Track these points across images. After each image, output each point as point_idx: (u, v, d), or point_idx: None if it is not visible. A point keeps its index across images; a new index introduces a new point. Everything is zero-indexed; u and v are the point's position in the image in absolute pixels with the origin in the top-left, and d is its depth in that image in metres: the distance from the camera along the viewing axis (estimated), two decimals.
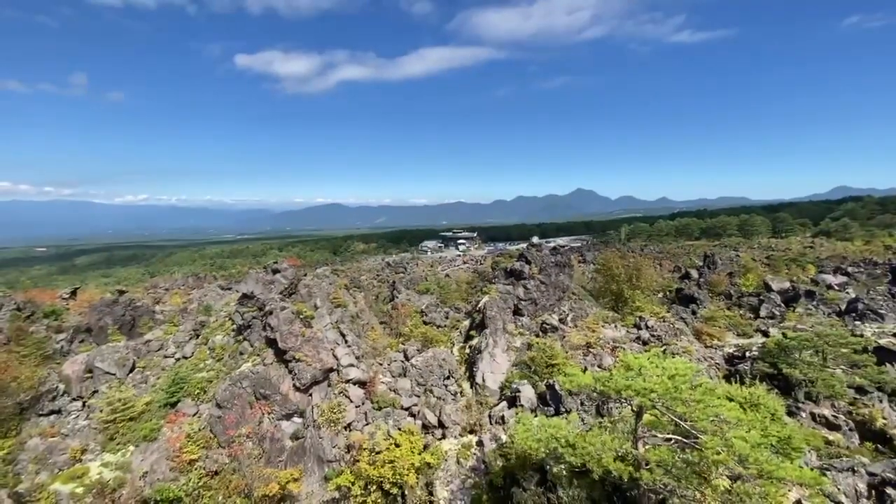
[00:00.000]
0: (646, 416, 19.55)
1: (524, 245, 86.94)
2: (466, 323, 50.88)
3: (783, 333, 40.19)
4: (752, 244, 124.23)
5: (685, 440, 17.84)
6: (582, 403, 31.38)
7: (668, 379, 17.51)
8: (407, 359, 41.72)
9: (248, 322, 41.16)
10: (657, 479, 17.32)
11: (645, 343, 42.95)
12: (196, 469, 29.02)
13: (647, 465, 18.04)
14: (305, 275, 52.74)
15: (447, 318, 57.98)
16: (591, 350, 40.67)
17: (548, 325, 45.89)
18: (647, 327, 45.76)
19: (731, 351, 42.13)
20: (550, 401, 32.47)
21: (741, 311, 54.64)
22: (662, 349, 37.72)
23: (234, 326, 43.72)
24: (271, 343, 36.33)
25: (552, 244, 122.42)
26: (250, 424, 31.27)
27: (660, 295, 65.61)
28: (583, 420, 29.41)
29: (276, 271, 51.82)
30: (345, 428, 31.89)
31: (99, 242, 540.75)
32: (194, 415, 33.89)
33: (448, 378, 39.05)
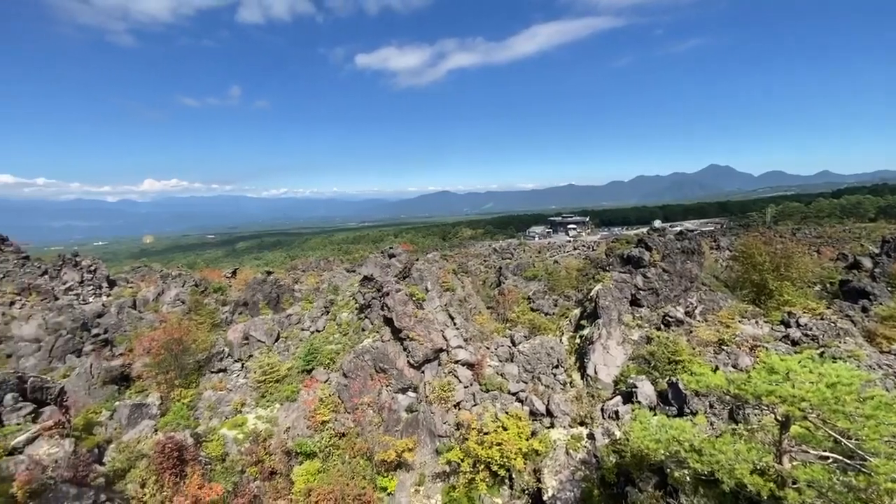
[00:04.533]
0: (794, 428, 16.78)
1: (644, 229, 79.73)
2: (577, 312, 48.87)
3: None
4: None
5: (847, 461, 14.93)
6: (711, 406, 28.17)
7: (827, 387, 14.71)
8: (514, 344, 41.71)
9: (369, 302, 44.92)
10: (807, 501, 14.83)
11: (795, 343, 36.62)
12: (327, 429, 32.95)
13: (794, 483, 15.54)
14: (417, 259, 55.58)
15: (556, 305, 56.40)
16: (724, 348, 36.03)
17: (671, 317, 41.82)
18: (798, 325, 38.91)
19: None
20: (672, 400, 29.75)
21: None
22: (819, 351, 31.74)
23: (357, 305, 48.06)
24: (388, 322, 39.21)
25: (678, 228, 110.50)
26: (371, 394, 34.36)
27: (817, 287, 55.16)
28: (712, 424, 26.42)
29: (391, 256, 55.63)
30: (454, 406, 33.26)
31: (252, 230, 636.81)
32: (325, 381, 38.34)
33: (557, 367, 38.18)
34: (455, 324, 40.65)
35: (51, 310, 52.24)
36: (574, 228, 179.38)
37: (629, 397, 31.92)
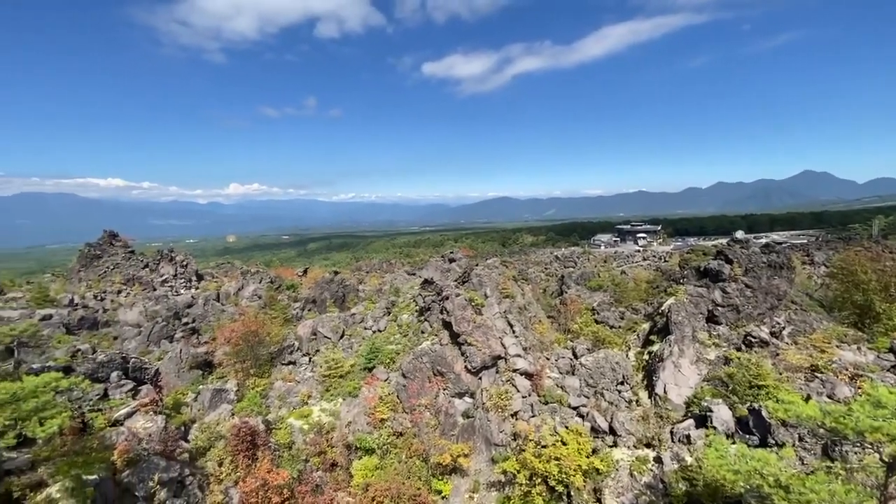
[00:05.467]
0: None
1: (724, 240, 73.58)
2: (646, 326, 46.15)
3: None
4: None
5: None
6: (801, 439, 25.26)
7: None
8: (576, 357, 40.28)
9: (428, 305, 45.62)
10: None
11: None
12: (385, 427, 33.83)
13: None
14: (477, 265, 55.58)
15: (622, 318, 53.68)
16: (818, 375, 32.18)
17: (754, 337, 38.15)
18: None
19: None
20: (754, 428, 27.09)
21: None
22: None
23: (417, 307, 48.98)
24: (447, 325, 39.53)
25: (763, 240, 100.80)
26: (428, 396, 34.78)
27: None
28: (802, 460, 23.70)
29: (451, 260, 56.16)
30: (511, 415, 32.71)
31: (322, 232, 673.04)
32: (385, 380, 39.42)
33: (622, 383, 36.27)
34: (514, 331, 40.05)
35: (150, 299, 58.70)
36: (644, 237, 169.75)
37: (703, 421, 29.54)
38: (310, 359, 47.25)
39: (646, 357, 40.08)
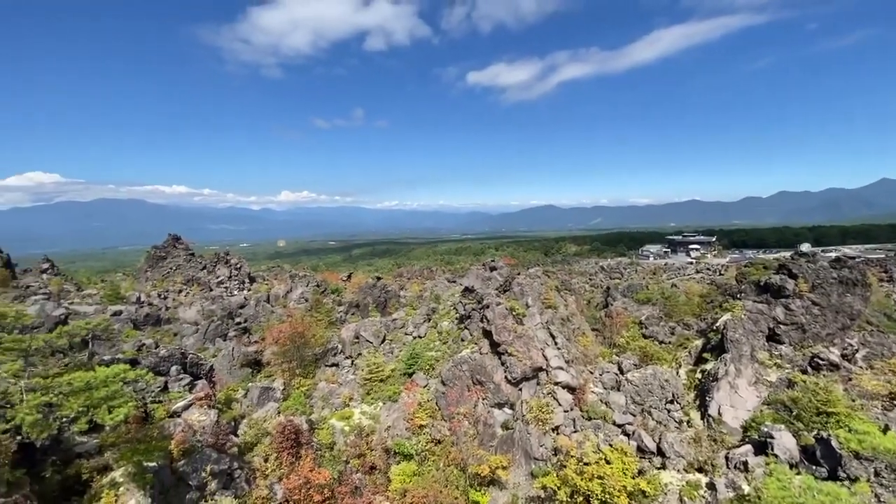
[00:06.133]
0: None
1: (787, 254, 68.36)
2: (698, 343, 43.68)
3: None
4: None
5: None
6: (877, 473, 22.84)
7: None
8: (622, 372, 38.74)
9: (469, 313, 45.50)
10: None
11: None
12: (424, 433, 33.87)
13: None
14: (518, 273, 54.89)
15: (673, 333, 51.20)
16: None
17: (822, 359, 35.15)
18: None
19: None
20: (822, 459, 24.81)
21: None
22: None
23: (457, 315, 48.99)
24: (487, 334, 39.23)
25: (833, 254, 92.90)
26: (467, 405, 34.54)
27: None
28: (878, 497, 21.43)
29: (492, 269, 55.81)
30: (552, 429, 31.86)
31: (366, 238, 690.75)
32: (424, 386, 39.60)
33: (671, 402, 34.45)
34: (556, 343, 39.11)
35: (207, 299, 62.33)
36: (697, 249, 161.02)
37: (762, 448, 27.43)
38: (352, 362, 48.33)
39: (698, 376, 37.89)
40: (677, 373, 39.27)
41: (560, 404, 33.60)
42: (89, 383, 18.56)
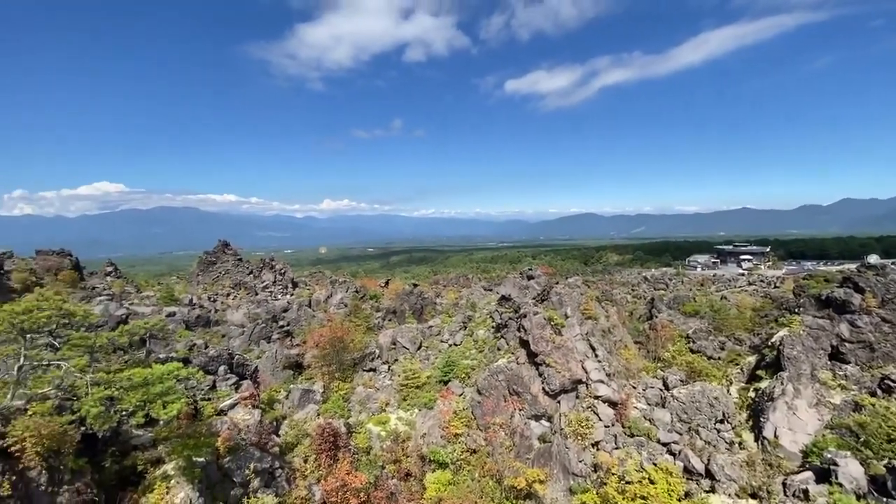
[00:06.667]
0: None
1: (852, 266, 63.25)
2: (751, 359, 41.12)
3: None
4: None
5: None
6: None
7: None
8: (667, 388, 37.02)
9: (505, 322, 44.99)
10: None
11: None
12: (459, 442, 33.64)
13: None
14: (557, 283, 53.80)
15: (722, 348, 48.52)
16: None
17: (894, 381, 32.14)
18: None
19: None
20: (893, 490, 22.61)
21: None
22: None
23: (494, 324, 48.56)
24: (524, 344, 38.59)
25: None
26: (503, 416, 34.03)
27: None
28: None
29: (530, 277, 54.97)
30: (592, 445, 30.78)
31: (403, 246, 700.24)
32: (460, 395, 39.39)
33: (721, 422, 32.50)
34: (597, 355, 37.91)
35: (252, 302, 65.02)
36: (749, 260, 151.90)
37: (825, 476, 25.33)
38: (389, 367, 48.84)
39: (751, 395, 35.60)
40: (728, 390, 37.09)
41: (600, 419, 32.45)
42: (146, 379, 19.74)
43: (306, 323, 61.58)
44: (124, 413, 19.23)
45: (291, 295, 74.40)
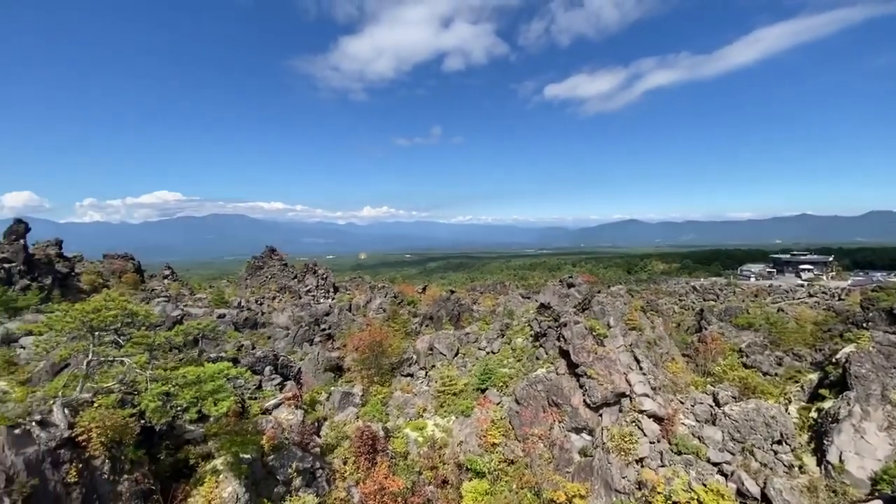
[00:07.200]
0: None
1: None
2: (813, 377, 38.20)
3: None
4: None
5: None
6: None
7: None
8: (718, 405, 35.00)
9: (544, 330, 44.16)
10: None
11: None
12: (496, 452, 33.19)
13: None
14: (599, 291, 52.30)
15: (780, 364, 45.41)
16: None
17: None
18: None
19: None
20: None
21: None
22: None
23: (532, 332, 47.78)
24: (564, 354, 37.69)
25: None
26: (542, 427, 33.31)
27: None
28: None
29: (570, 285, 53.82)
30: (636, 461, 29.52)
31: (441, 252, 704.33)
32: (497, 403, 38.94)
33: (779, 443, 30.33)
34: (641, 368, 36.44)
35: (296, 305, 67.37)
36: (809, 269, 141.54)
37: None
38: (426, 373, 49.09)
39: (813, 415, 33.04)
40: (786, 410, 34.60)
41: (645, 434, 31.08)
42: (199, 377, 20.91)
43: (346, 327, 63.10)
44: (179, 408, 20.39)
45: (333, 299, 76.55)
